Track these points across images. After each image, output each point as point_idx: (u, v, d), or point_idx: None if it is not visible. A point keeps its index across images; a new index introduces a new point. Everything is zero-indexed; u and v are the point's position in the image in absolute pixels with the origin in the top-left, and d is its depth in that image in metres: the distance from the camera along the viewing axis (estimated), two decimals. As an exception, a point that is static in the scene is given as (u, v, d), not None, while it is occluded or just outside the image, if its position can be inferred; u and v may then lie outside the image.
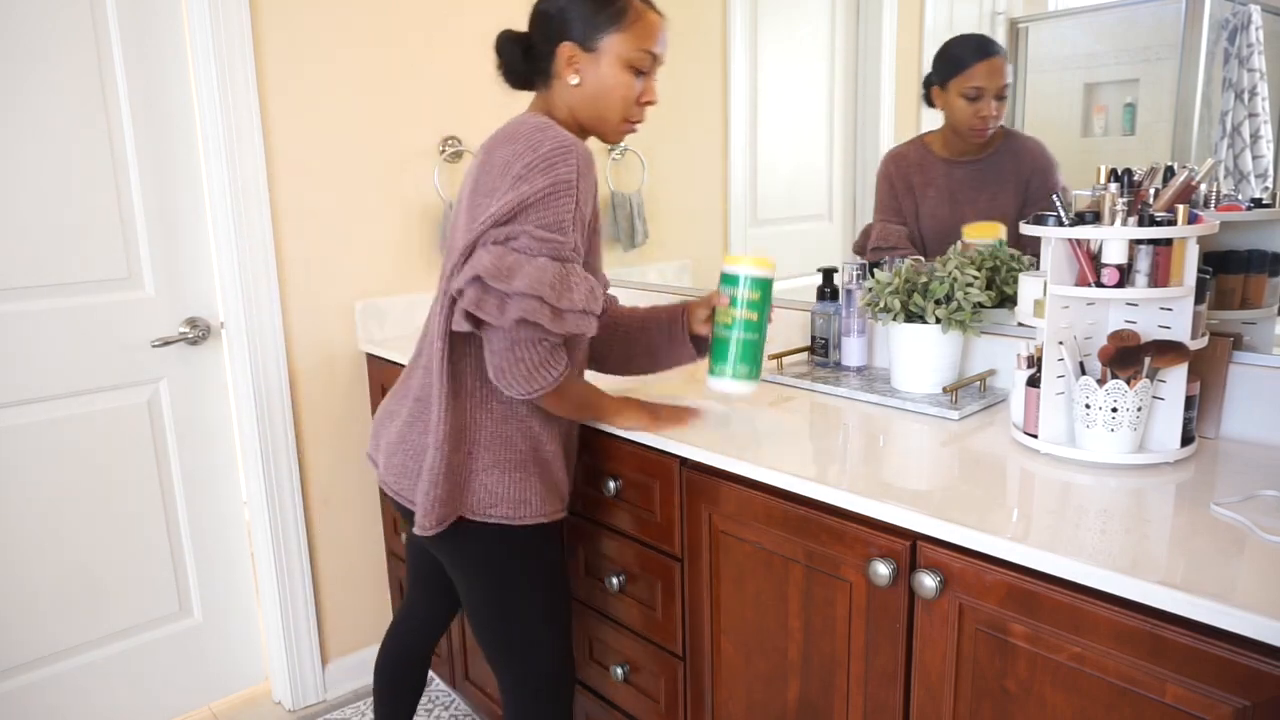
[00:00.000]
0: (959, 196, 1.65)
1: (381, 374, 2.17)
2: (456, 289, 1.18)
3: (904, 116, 1.76)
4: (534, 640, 1.40)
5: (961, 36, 1.61)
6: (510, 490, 1.31)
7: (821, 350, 1.77)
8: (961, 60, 1.59)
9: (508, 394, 1.24)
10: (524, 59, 1.30)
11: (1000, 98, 1.56)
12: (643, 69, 1.27)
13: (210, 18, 1.88)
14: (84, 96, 1.85)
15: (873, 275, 1.58)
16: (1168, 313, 1.19)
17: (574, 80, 1.25)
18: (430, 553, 1.53)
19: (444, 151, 2.28)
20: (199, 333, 2.05)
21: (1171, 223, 1.13)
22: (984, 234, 1.64)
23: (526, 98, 1.36)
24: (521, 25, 1.35)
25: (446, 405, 1.26)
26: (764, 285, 1.36)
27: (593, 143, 1.32)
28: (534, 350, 1.20)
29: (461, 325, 1.20)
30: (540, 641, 1.41)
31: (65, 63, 1.82)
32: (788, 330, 1.93)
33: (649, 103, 1.31)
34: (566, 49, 1.25)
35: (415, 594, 1.64)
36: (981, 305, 1.49)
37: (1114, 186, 1.18)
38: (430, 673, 1.96)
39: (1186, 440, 1.21)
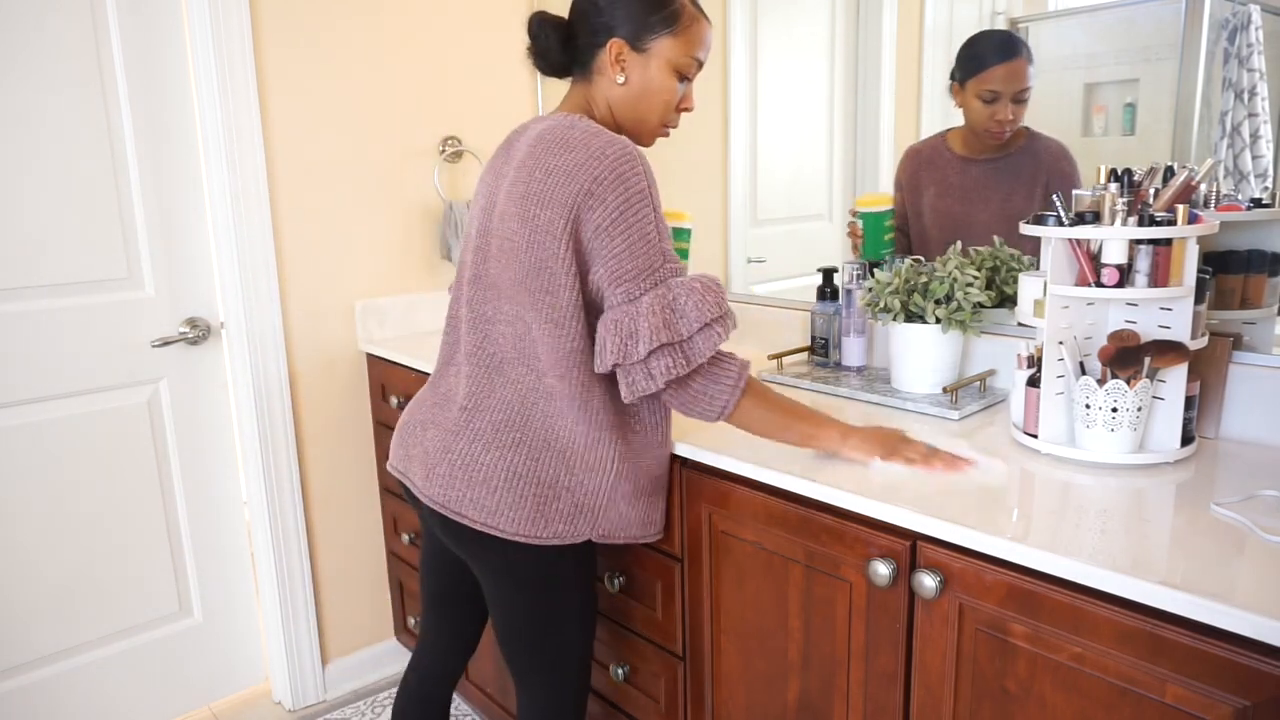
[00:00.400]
0: (972, 195, 1.63)
1: (381, 374, 2.17)
2: (607, 368, 1.17)
3: (904, 116, 1.75)
4: (572, 651, 1.36)
5: (985, 34, 1.57)
6: (641, 514, 1.31)
7: (821, 350, 1.77)
8: (981, 60, 1.55)
9: (702, 420, 1.23)
10: (563, 47, 1.25)
11: (1019, 101, 1.52)
12: (688, 75, 1.25)
13: (210, 18, 1.88)
14: (84, 97, 1.85)
15: (873, 275, 1.58)
16: (1168, 313, 1.19)
17: (620, 79, 1.22)
18: (451, 573, 1.46)
19: (444, 151, 2.28)
20: (199, 333, 2.05)
21: (1171, 223, 1.13)
22: (874, 203, 1.69)
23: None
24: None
25: (588, 434, 1.23)
26: (691, 234, 1.60)
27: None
28: (697, 380, 1.18)
29: (637, 396, 1.18)
30: (576, 652, 1.37)
31: (65, 63, 1.82)
32: (788, 330, 1.93)
33: (687, 109, 1.29)
34: (616, 45, 1.21)
35: (436, 625, 1.54)
36: (981, 305, 1.49)
37: (1114, 186, 1.18)
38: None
39: (1186, 440, 1.21)
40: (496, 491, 1.22)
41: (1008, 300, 1.55)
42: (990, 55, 1.55)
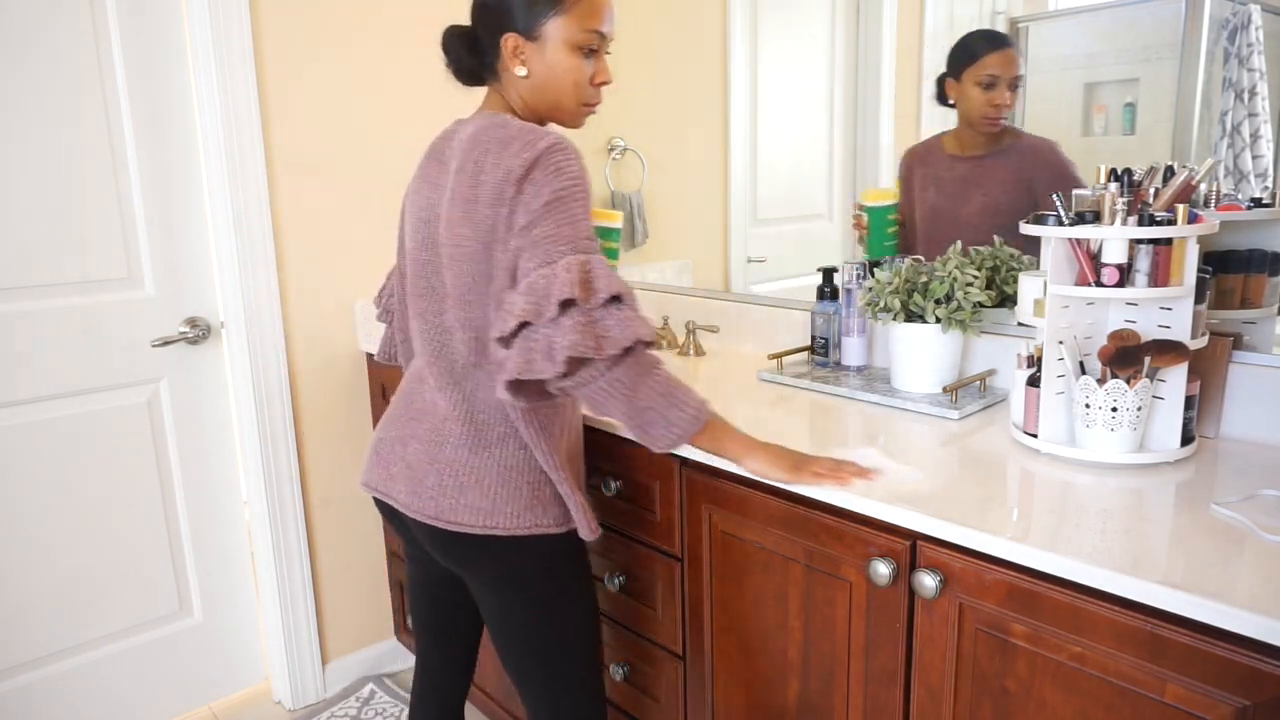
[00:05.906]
0: (958, 190, 1.68)
1: (381, 374, 2.17)
2: (508, 330, 1.09)
3: (904, 116, 1.75)
4: (584, 656, 1.31)
5: (974, 31, 1.63)
6: (544, 500, 1.25)
7: (821, 350, 1.77)
8: (975, 50, 1.61)
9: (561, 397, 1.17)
10: (471, 54, 1.25)
11: (1013, 87, 1.58)
12: (592, 48, 1.22)
13: (210, 17, 1.88)
14: (84, 96, 1.85)
15: (873, 275, 1.58)
16: (1168, 312, 1.19)
17: (521, 72, 1.21)
18: (443, 595, 1.43)
19: (444, 151, 2.28)
20: (199, 332, 2.05)
21: (1171, 222, 1.13)
22: (878, 198, 1.73)
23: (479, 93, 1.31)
24: None
25: (506, 427, 1.22)
26: (620, 234, 1.57)
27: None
28: (644, 394, 1.12)
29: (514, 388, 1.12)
30: (587, 657, 1.31)
31: (65, 63, 1.82)
32: (788, 330, 1.93)
33: (604, 83, 1.26)
34: (510, 40, 1.20)
35: (432, 651, 1.49)
36: (981, 305, 1.49)
37: (1114, 186, 1.18)
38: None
39: (1186, 440, 1.21)
40: (490, 490, 1.21)
41: (1008, 300, 1.55)
42: (985, 45, 1.60)
